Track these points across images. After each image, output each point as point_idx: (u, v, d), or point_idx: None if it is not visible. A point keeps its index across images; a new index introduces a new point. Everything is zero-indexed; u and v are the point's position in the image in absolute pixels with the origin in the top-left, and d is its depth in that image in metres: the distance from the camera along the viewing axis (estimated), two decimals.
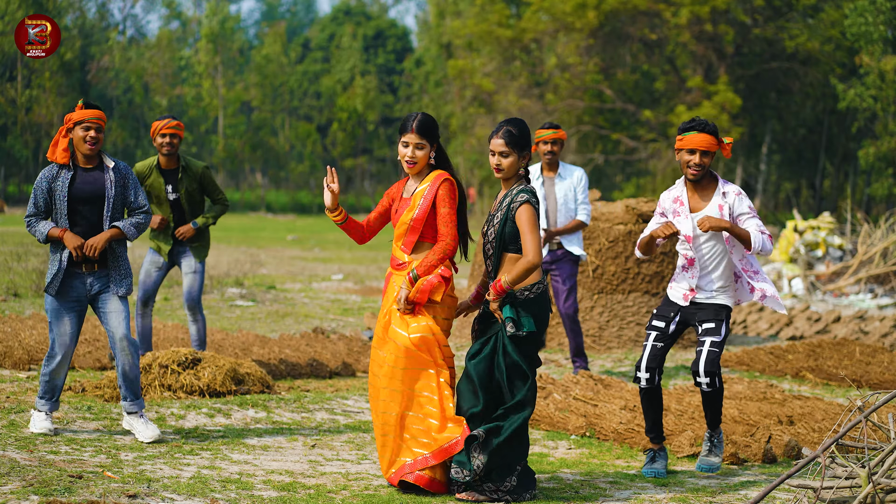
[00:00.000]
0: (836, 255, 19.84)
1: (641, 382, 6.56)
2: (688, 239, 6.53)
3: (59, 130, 6.83)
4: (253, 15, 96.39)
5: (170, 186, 8.78)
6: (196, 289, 8.87)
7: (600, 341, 11.86)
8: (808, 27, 38.71)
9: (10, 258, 18.79)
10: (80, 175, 6.82)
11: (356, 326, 13.20)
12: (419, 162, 5.96)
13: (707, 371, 6.42)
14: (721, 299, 6.55)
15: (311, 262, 23.83)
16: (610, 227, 11.99)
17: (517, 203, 5.81)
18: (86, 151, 6.81)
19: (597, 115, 41.50)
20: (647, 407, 6.64)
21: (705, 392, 6.50)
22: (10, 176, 54.07)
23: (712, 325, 6.50)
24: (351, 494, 5.86)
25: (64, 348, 6.86)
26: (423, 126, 5.94)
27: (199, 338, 8.98)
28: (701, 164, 6.46)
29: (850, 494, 5.09)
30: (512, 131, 5.91)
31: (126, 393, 6.90)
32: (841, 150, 44.62)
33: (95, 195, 6.82)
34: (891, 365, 10.35)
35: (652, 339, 6.59)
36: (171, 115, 8.83)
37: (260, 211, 57.69)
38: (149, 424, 6.88)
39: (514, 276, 5.73)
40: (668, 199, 6.67)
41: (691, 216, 6.53)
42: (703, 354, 6.45)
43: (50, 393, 6.92)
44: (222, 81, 59.42)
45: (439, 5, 55.07)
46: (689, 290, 6.58)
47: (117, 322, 6.84)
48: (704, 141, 6.43)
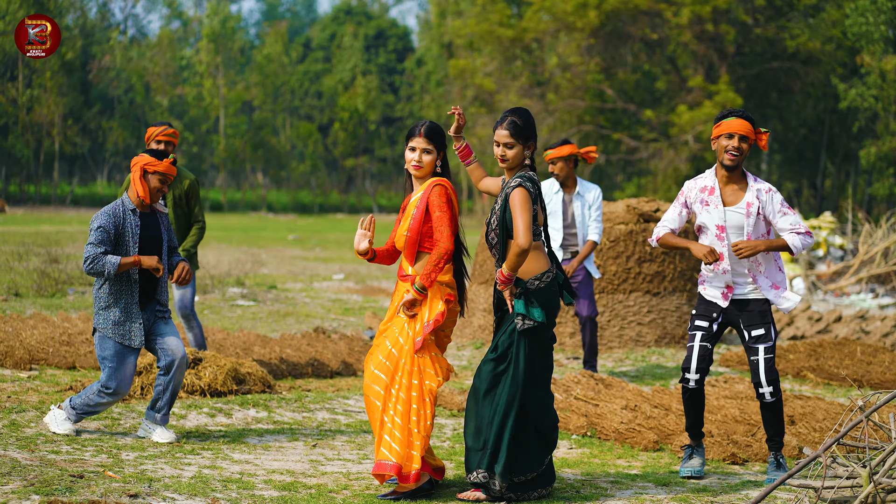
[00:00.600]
0: (838, 255, 19.84)
1: (690, 383, 6.46)
2: (720, 229, 6.44)
3: (138, 170, 6.83)
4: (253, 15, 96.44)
5: None
6: (188, 298, 8.86)
7: (602, 341, 11.86)
8: (810, 27, 38.71)
9: (11, 258, 18.79)
10: (143, 219, 6.92)
11: (357, 326, 13.20)
12: (426, 167, 5.94)
13: (769, 380, 6.35)
14: (758, 294, 6.47)
15: (313, 262, 23.83)
16: (611, 227, 11.99)
17: (511, 188, 5.78)
18: (152, 200, 6.89)
19: (598, 115, 41.50)
20: (691, 406, 6.53)
21: (768, 403, 6.40)
22: (12, 175, 54.10)
23: (762, 332, 6.42)
24: (352, 494, 5.86)
25: (122, 390, 6.88)
26: (430, 131, 5.94)
27: (198, 343, 8.97)
28: (739, 149, 6.36)
29: (852, 494, 5.09)
30: (517, 122, 5.87)
31: (164, 406, 6.94)
32: (842, 150, 44.63)
33: (157, 239, 6.95)
34: (892, 365, 10.35)
35: (698, 339, 6.48)
36: (167, 123, 8.78)
37: (261, 211, 57.72)
38: (168, 431, 6.94)
39: (509, 264, 5.71)
40: (694, 189, 6.54)
41: (723, 209, 6.44)
42: (760, 364, 6.38)
43: (86, 416, 6.97)
44: (223, 81, 59.45)
45: (440, 5, 55.09)
46: (725, 287, 6.47)
47: (176, 344, 6.93)
48: (743, 126, 6.36)
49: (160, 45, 61.32)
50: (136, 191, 6.84)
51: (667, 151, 38.13)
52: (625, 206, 12.28)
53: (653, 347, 11.87)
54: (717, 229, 6.44)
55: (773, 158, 46.29)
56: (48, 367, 9.17)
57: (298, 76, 66.69)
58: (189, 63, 64.17)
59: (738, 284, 6.48)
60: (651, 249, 11.99)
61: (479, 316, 12.48)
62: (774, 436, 6.50)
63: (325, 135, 64.44)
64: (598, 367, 10.64)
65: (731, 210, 6.44)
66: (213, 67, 59.43)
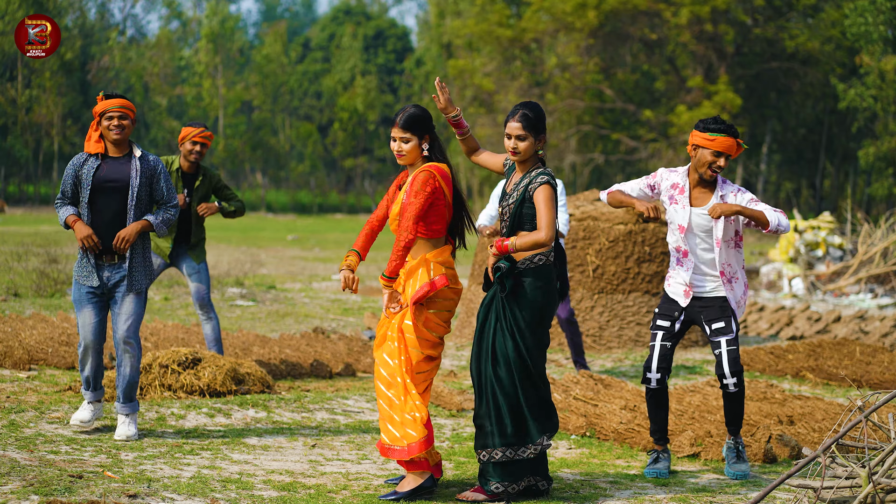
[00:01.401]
0: (837, 255, 19.84)
1: (652, 383, 6.51)
2: (680, 229, 6.50)
3: (91, 125, 6.91)
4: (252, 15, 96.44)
5: (186, 190, 8.79)
6: (204, 287, 8.87)
7: (600, 341, 11.86)
8: (809, 27, 38.73)
9: (10, 258, 18.79)
10: (107, 164, 6.87)
11: (356, 326, 13.20)
12: (408, 154, 5.95)
13: (733, 371, 6.41)
14: (721, 291, 6.52)
15: (312, 262, 23.83)
16: (610, 227, 12.00)
17: (536, 183, 5.80)
18: (112, 138, 6.85)
19: (597, 115, 41.52)
20: (654, 408, 6.61)
21: (731, 393, 6.46)
22: (11, 176, 54.08)
23: (722, 324, 6.47)
24: (351, 494, 5.86)
25: (86, 338, 6.90)
26: (407, 120, 5.94)
27: (215, 336, 8.94)
28: (722, 167, 6.47)
29: (851, 494, 5.09)
30: (528, 115, 5.89)
31: (120, 394, 6.91)
32: (841, 150, 44.64)
33: (119, 184, 6.85)
34: (891, 365, 10.35)
35: (659, 338, 6.54)
36: (204, 125, 8.86)
37: (260, 211, 57.71)
38: (130, 427, 6.86)
39: (522, 243, 5.72)
40: (666, 181, 6.61)
41: (690, 208, 6.50)
42: (723, 356, 6.43)
43: (85, 383, 7.02)
44: (222, 81, 59.45)
45: (439, 5, 55.11)
46: (686, 284, 6.54)
47: (124, 323, 6.87)
48: (733, 146, 6.44)
49: (159, 46, 61.33)
50: (87, 144, 6.87)
51: (666, 151, 38.14)
52: None
53: None
54: (678, 228, 6.52)
55: (772, 158, 46.29)
56: (47, 368, 9.17)
57: (297, 76, 66.70)
58: (188, 63, 64.18)
59: (700, 283, 6.54)
60: (650, 250, 11.99)
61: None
62: (734, 424, 6.59)
63: (324, 135, 64.45)
64: (596, 367, 10.66)
65: (697, 212, 6.50)
66: (212, 68, 59.43)
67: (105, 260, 6.88)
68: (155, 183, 6.95)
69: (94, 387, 7.03)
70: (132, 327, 6.88)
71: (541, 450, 5.82)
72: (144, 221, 6.87)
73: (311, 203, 62.26)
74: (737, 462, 6.60)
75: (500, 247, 5.79)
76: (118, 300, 6.89)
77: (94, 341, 6.92)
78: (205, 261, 8.97)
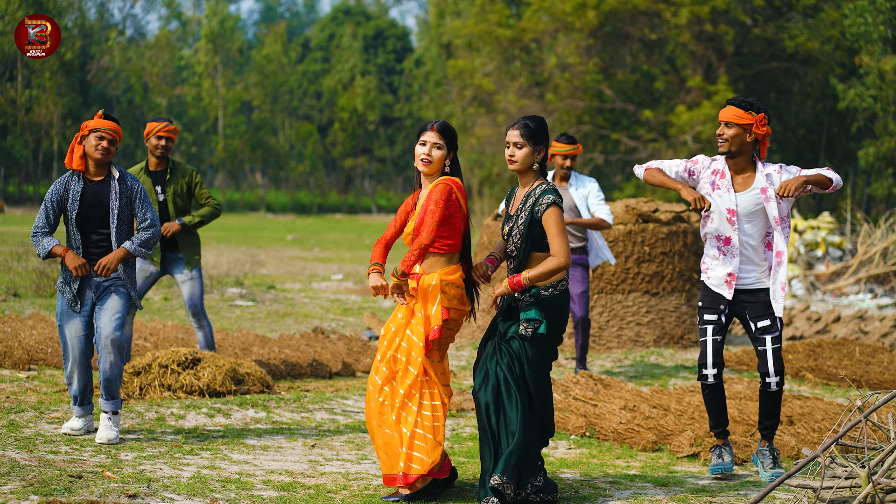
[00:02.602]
0: (836, 255, 19.84)
1: (709, 379, 6.44)
2: (731, 213, 6.41)
3: (75, 137, 6.89)
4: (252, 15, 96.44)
5: (158, 187, 8.71)
6: (197, 295, 8.80)
7: (600, 341, 11.86)
8: (808, 27, 38.72)
9: (10, 258, 18.79)
10: (88, 188, 6.88)
11: (356, 326, 13.20)
12: (435, 162, 5.89)
13: (777, 370, 6.37)
14: (764, 283, 6.45)
15: (311, 262, 23.83)
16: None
17: (544, 205, 5.75)
18: (96, 157, 6.86)
19: (597, 115, 41.51)
20: (713, 403, 6.51)
21: (773, 392, 6.41)
22: (10, 176, 54.07)
23: (768, 322, 6.41)
24: (351, 494, 5.86)
25: (73, 353, 6.89)
26: (443, 127, 5.91)
27: (207, 343, 8.92)
28: (723, 135, 6.40)
29: (850, 494, 5.09)
30: (529, 124, 5.88)
31: (102, 391, 6.90)
32: (841, 150, 44.63)
33: (102, 208, 6.87)
34: (891, 365, 10.35)
35: (710, 333, 6.46)
36: (168, 119, 8.80)
37: (260, 211, 57.70)
38: (111, 430, 6.82)
39: (538, 273, 5.68)
40: (707, 169, 6.53)
41: (734, 194, 6.43)
42: (768, 354, 6.39)
43: (73, 400, 6.98)
44: (222, 81, 59.42)
45: (439, 5, 55.09)
46: (728, 275, 6.45)
47: (108, 321, 6.84)
48: (728, 112, 6.40)
49: (159, 46, 61.28)
50: (68, 158, 6.86)
51: (665, 152, 38.12)
52: (623, 207, 12.28)
53: (651, 348, 11.88)
54: (728, 213, 6.43)
55: (772, 158, 46.23)
56: (47, 368, 9.17)
57: (297, 76, 66.68)
58: (188, 63, 64.15)
59: (745, 274, 6.47)
60: (650, 250, 11.99)
61: (479, 316, 12.48)
62: (772, 426, 6.52)
63: (323, 135, 64.42)
64: (596, 367, 10.66)
65: (742, 195, 6.44)
66: (211, 68, 59.40)
67: (93, 271, 6.90)
68: (133, 203, 6.97)
69: (82, 402, 6.99)
70: (116, 322, 6.83)
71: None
72: (123, 250, 6.86)
73: (310, 203, 62.23)
74: (773, 467, 6.49)
75: (513, 284, 5.72)
76: (104, 300, 6.89)
77: (82, 355, 6.90)
78: (198, 267, 8.85)
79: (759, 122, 6.41)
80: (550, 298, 5.76)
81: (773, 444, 6.56)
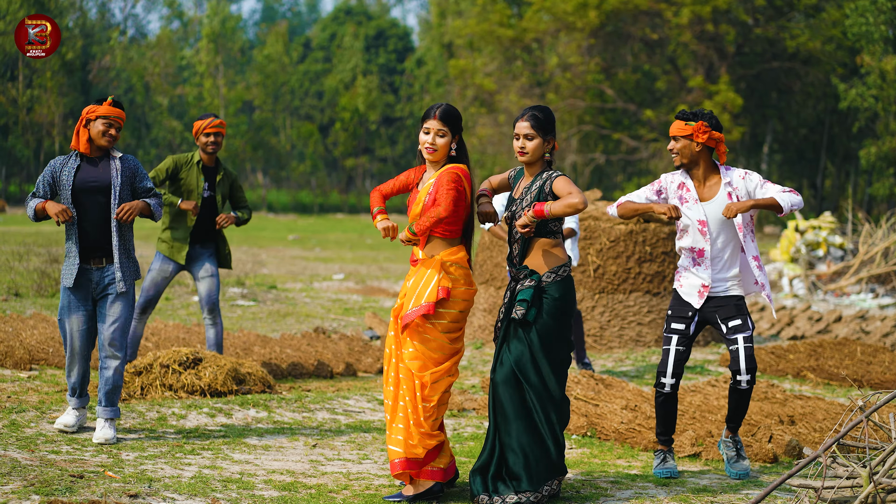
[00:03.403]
0: (838, 255, 19.83)
1: (665, 388, 6.49)
2: (702, 224, 6.45)
3: (80, 120, 6.89)
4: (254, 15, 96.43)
5: (207, 184, 8.76)
6: (215, 291, 8.81)
7: (601, 341, 11.86)
8: (810, 27, 38.72)
9: (11, 258, 18.79)
10: (86, 165, 6.88)
11: (357, 326, 13.20)
12: (439, 149, 5.87)
13: (748, 368, 6.39)
14: (735, 290, 6.50)
15: (313, 262, 23.83)
16: (611, 226, 11.99)
17: (552, 179, 5.79)
18: (103, 145, 6.88)
19: (598, 115, 41.51)
20: (665, 412, 6.58)
21: (742, 390, 6.45)
22: (11, 176, 54.10)
23: (739, 322, 6.44)
24: (352, 494, 5.86)
25: (73, 346, 6.90)
26: (446, 114, 5.88)
27: (217, 342, 8.91)
28: (676, 151, 6.46)
29: (852, 494, 5.08)
30: (538, 115, 5.89)
31: (102, 397, 6.89)
32: (842, 150, 44.64)
33: (101, 184, 6.86)
34: (892, 365, 10.35)
35: (675, 342, 6.51)
36: (214, 114, 8.83)
37: (261, 211, 57.72)
38: (109, 430, 6.80)
39: (558, 208, 5.67)
40: (671, 183, 6.58)
41: (701, 205, 6.46)
42: (741, 353, 6.41)
43: (71, 390, 7.01)
44: (223, 81, 59.45)
45: (441, 5, 55.10)
46: (702, 286, 6.48)
47: (110, 326, 6.86)
48: (674, 127, 6.46)
49: (160, 46, 61.32)
50: (74, 140, 6.88)
51: (666, 152, 38.14)
52: None
53: (653, 347, 11.88)
54: (699, 224, 6.47)
55: (773, 158, 46.27)
56: (48, 368, 9.18)
57: (299, 76, 66.70)
58: (189, 63, 64.17)
59: (718, 283, 6.51)
60: (651, 250, 11.99)
61: (479, 316, 12.48)
62: (740, 421, 6.60)
63: (325, 135, 64.45)
64: (597, 367, 10.67)
65: (708, 205, 6.47)
66: (213, 67, 59.42)
67: (93, 263, 6.88)
68: (137, 182, 6.98)
69: (79, 393, 7.01)
70: (118, 331, 6.86)
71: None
72: (144, 203, 6.89)
73: (312, 203, 62.26)
74: (738, 460, 6.60)
75: (538, 211, 5.70)
76: (105, 303, 6.89)
77: (82, 348, 6.92)
78: (214, 261, 8.89)
79: (699, 131, 6.42)
80: (551, 285, 5.76)
81: (737, 436, 6.64)
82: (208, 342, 8.91)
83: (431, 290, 5.76)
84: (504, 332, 5.85)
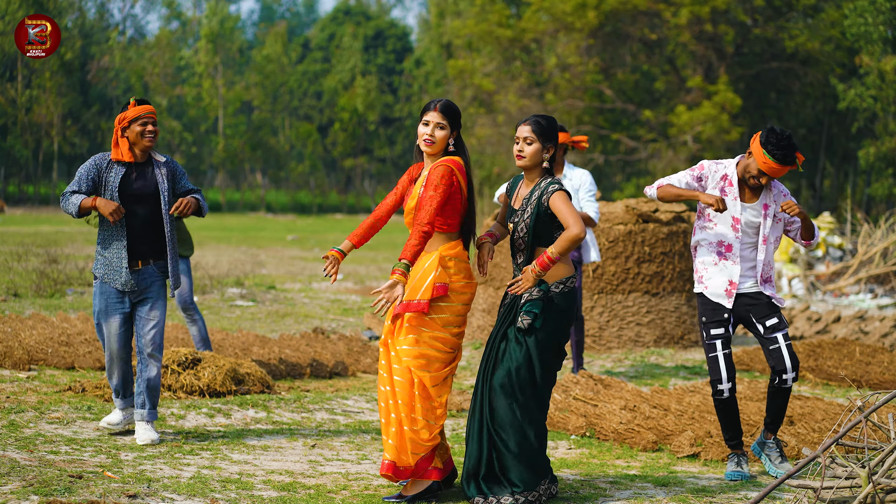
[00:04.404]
0: (836, 255, 19.85)
1: (724, 394, 6.45)
2: (735, 220, 6.42)
3: (115, 131, 6.86)
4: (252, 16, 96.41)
5: None
6: (186, 289, 8.82)
7: (600, 341, 11.86)
8: (808, 27, 38.71)
9: (10, 258, 18.79)
10: (136, 171, 6.87)
11: (356, 326, 13.20)
12: (437, 142, 5.84)
13: (794, 364, 6.39)
14: (764, 288, 6.48)
15: (311, 262, 23.83)
16: (610, 227, 11.99)
17: (549, 192, 5.78)
18: (147, 145, 6.86)
19: (597, 115, 41.49)
20: (728, 416, 6.53)
21: (786, 388, 6.43)
22: (10, 176, 54.07)
23: (776, 320, 6.43)
24: (351, 494, 5.86)
25: (112, 349, 6.91)
26: (446, 107, 5.86)
27: (202, 336, 8.94)
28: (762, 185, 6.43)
29: (851, 494, 5.09)
30: (540, 122, 5.92)
31: (147, 401, 6.92)
32: (841, 150, 44.64)
33: (150, 191, 6.87)
34: (891, 365, 10.35)
35: (720, 348, 6.46)
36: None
37: (260, 211, 57.70)
38: (152, 431, 6.88)
39: (560, 248, 5.67)
40: (715, 173, 6.52)
41: (740, 203, 6.45)
42: (784, 350, 6.40)
43: (115, 392, 7.03)
44: (222, 81, 59.45)
45: (439, 5, 55.10)
46: (729, 283, 6.46)
47: (150, 330, 6.90)
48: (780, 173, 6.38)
49: (159, 46, 61.28)
50: (116, 152, 6.83)
51: (665, 152, 38.11)
52: (623, 207, 12.28)
53: (652, 348, 11.88)
54: (732, 220, 6.46)
55: None
56: (47, 368, 9.17)
57: (297, 76, 66.68)
58: (188, 63, 64.17)
59: (743, 280, 6.48)
60: (650, 250, 11.99)
61: (479, 316, 12.48)
62: (778, 423, 6.56)
63: (324, 135, 64.43)
64: (596, 367, 10.66)
65: (747, 207, 6.45)
66: (211, 68, 59.42)
67: (140, 264, 6.89)
68: (177, 183, 7.00)
69: (124, 395, 7.05)
70: (158, 335, 6.93)
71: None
72: (196, 199, 6.92)
73: (310, 203, 62.24)
74: (782, 461, 6.55)
75: (543, 263, 5.69)
76: (143, 307, 6.91)
77: (121, 350, 6.93)
78: (186, 260, 8.90)
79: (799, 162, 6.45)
80: (558, 295, 5.77)
81: (777, 437, 6.60)
82: (193, 339, 9.00)
83: (426, 288, 5.73)
84: (502, 335, 5.84)
